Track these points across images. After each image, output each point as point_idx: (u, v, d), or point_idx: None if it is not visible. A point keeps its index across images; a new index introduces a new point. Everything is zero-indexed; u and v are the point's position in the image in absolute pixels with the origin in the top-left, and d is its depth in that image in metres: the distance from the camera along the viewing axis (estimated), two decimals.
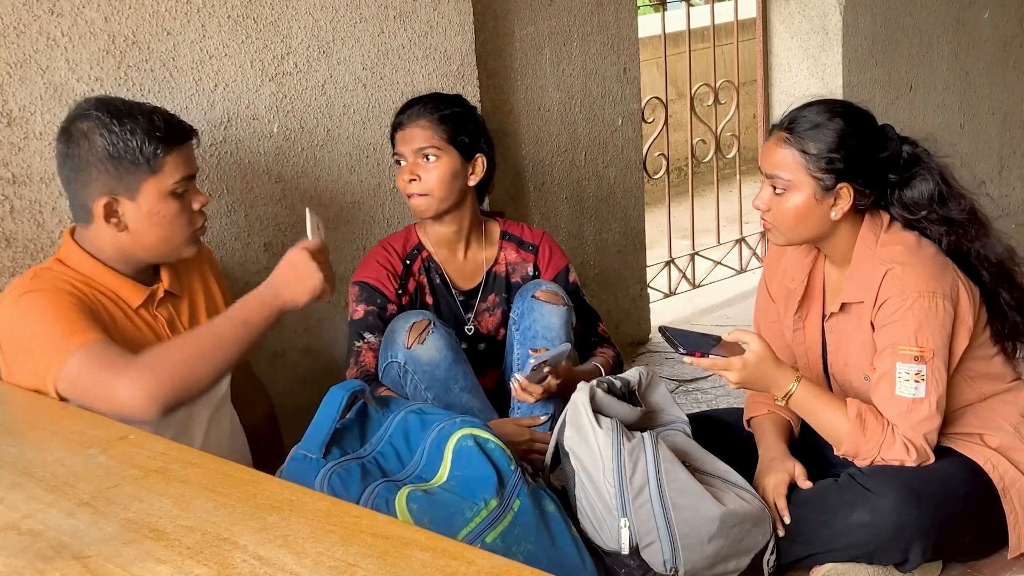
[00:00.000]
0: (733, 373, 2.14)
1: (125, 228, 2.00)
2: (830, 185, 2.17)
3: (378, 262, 2.58)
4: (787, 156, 2.19)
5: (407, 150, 2.53)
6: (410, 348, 2.38)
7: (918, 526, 2.11)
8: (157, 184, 1.98)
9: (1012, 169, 5.10)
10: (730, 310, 4.12)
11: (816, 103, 2.24)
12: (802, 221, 2.21)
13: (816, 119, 2.19)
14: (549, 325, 2.47)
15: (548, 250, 2.70)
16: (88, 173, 1.97)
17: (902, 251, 2.18)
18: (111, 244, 2.02)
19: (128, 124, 1.96)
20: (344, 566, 1.20)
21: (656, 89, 4.15)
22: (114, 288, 2.04)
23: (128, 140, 1.95)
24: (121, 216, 1.99)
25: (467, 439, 2.01)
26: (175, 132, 2.01)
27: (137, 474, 1.48)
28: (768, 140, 2.26)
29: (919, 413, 2.12)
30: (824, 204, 2.19)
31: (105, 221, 1.98)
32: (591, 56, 3.46)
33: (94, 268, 2.02)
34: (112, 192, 1.97)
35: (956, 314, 2.16)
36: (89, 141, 1.95)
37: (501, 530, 1.95)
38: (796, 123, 2.20)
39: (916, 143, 2.26)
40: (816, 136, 2.17)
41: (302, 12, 2.62)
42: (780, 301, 2.44)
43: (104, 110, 1.97)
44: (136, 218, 1.99)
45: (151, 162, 1.97)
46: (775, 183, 2.21)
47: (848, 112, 2.23)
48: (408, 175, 2.52)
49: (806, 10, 4.29)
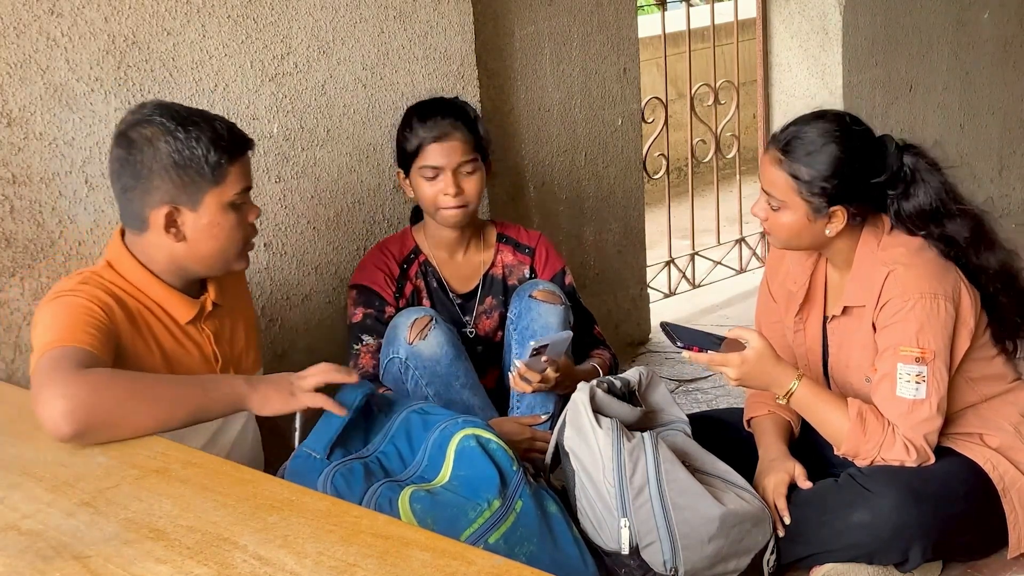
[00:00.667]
0: (732, 369, 2.14)
1: (183, 239, 1.94)
2: (822, 208, 2.17)
3: (375, 265, 2.58)
4: (779, 177, 2.19)
5: (447, 163, 2.50)
6: (412, 344, 2.38)
7: (918, 526, 2.11)
8: (219, 195, 1.93)
9: (1012, 169, 5.10)
10: (730, 310, 4.12)
11: (814, 121, 2.19)
12: (796, 236, 2.23)
13: (810, 146, 2.15)
14: (547, 324, 2.47)
15: (544, 252, 2.70)
16: (150, 181, 1.89)
17: (904, 253, 2.18)
18: (165, 254, 1.96)
19: (193, 131, 1.90)
20: (344, 566, 1.20)
21: (656, 89, 4.15)
22: (162, 301, 1.97)
23: (193, 148, 1.89)
24: (180, 226, 1.93)
25: (469, 439, 2.01)
26: (237, 141, 1.96)
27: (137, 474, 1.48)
28: (765, 153, 2.24)
29: (920, 414, 2.12)
30: (818, 223, 2.19)
31: (164, 231, 1.92)
32: (591, 56, 3.46)
33: (143, 278, 1.96)
34: (174, 201, 1.91)
35: (958, 316, 2.16)
36: (153, 148, 1.88)
37: (504, 531, 1.95)
38: (791, 145, 2.17)
39: (920, 152, 2.22)
40: (809, 163, 2.15)
41: (302, 12, 2.62)
42: (781, 302, 2.44)
43: (167, 116, 1.90)
44: (195, 229, 1.93)
45: (215, 172, 1.91)
46: (769, 199, 2.22)
47: (845, 134, 2.17)
48: (452, 188, 2.49)
49: (806, 10, 4.29)
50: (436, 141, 2.50)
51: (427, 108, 2.57)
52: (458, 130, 2.52)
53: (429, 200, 2.54)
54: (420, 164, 2.52)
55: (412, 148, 2.53)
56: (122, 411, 1.62)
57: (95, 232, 2.34)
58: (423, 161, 2.52)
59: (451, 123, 2.52)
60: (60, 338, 1.73)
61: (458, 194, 2.50)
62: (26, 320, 2.26)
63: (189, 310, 2.00)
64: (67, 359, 1.67)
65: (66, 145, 2.29)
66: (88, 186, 2.32)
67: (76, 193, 2.31)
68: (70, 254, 2.31)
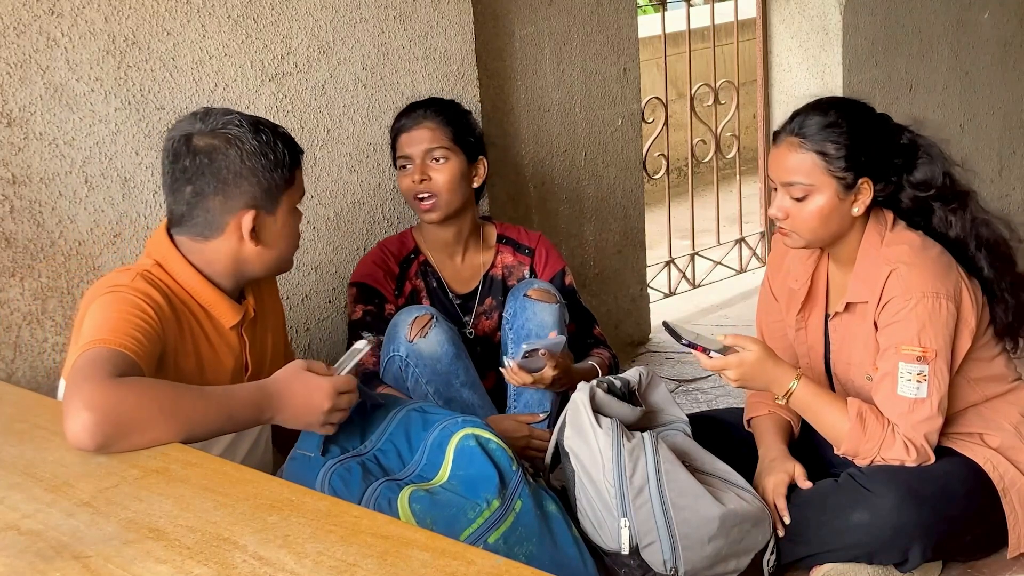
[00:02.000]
0: (731, 371, 2.15)
1: (260, 243, 1.93)
2: (851, 182, 2.17)
3: (375, 263, 2.59)
4: (804, 160, 2.18)
5: (415, 151, 2.53)
6: (412, 342, 2.39)
7: (918, 526, 2.11)
8: (291, 198, 1.95)
9: (1012, 169, 5.09)
10: (730, 310, 4.12)
11: (817, 104, 2.24)
12: (825, 222, 2.20)
13: (825, 120, 2.18)
14: (542, 323, 2.47)
15: (544, 253, 2.70)
16: (237, 186, 1.88)
17: (907, 251, 2.18)
18: (229, 259, 1.94)
19: (268, 134, 1.90)
20: (344, 566, 1.20)
21: (656, 89, 4.16)
22: (210, 305, 1.96)
23: (275, 149, 1.89)
24: (259, 230, 1.93)
25: (469, 439, 2.00)
26: (295, 146, 1.98)
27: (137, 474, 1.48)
28: (777, 147, 2.24)
29: (920, 413, 2.12)
30: (846, 202, 2.19)
31: (248, 236, 1.91)
32: (591, 56, 3.46)
33: (195, 281, 1.94)
34: (257, 206, 1.91)
35: (959, 315, 2.16)
36: (240, 151, 1.87)
37: (503, 531, 1.95)
38: (806, 127, 2.18)
39: (910, 128, 2.29)
40: (831, 136, 2.17)
41: (302, 12, 2.62)
42: (783, 301, 2.44)
43: (243, 121, 1.90)
44: (271, 233, 1.94)
45: (290, 174, 1.93)
46: (792, 190, 2.20)
47: (852, 108, 2.24)
48: (418, 175, 2.52)
49: (806, 10, 4.29)
50: (403, 131, 2.56)
51: (410, 105, 2.63)
52: (428, 119, 2.55)
53: (406, 192, 2.58)
54: (397, 156, 2.59)
55: (391, 142, 2.60)
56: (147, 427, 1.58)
57: (95, 232, 2.34)
58: (397, 152, 2.58)
59: (423, 113, 2.56)
60: (104, 337, 1.70)
61: (423, 180, 2.51)
62: (26, 320, 2.26)
63: (235, 315, 2.00)
64: (104, 364, 1.64)
65: (66, 145, 2.29)
66: (88, 186, 2.32)
67: (76, 193, 2.31)
68: (70, 254, 2.31)
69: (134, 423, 1.56)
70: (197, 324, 1.96)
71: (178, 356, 1.89)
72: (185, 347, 1.92)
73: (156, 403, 1.60)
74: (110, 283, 1.86)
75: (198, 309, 1.96)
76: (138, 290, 1.84)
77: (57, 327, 2.30)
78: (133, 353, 1.70)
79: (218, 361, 1.98)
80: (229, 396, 1.73)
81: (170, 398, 1.63)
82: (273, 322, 2.18)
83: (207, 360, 1.96)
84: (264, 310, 2.13)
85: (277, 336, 2.19)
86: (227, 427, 1.72)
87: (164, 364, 1.84)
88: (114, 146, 2.36)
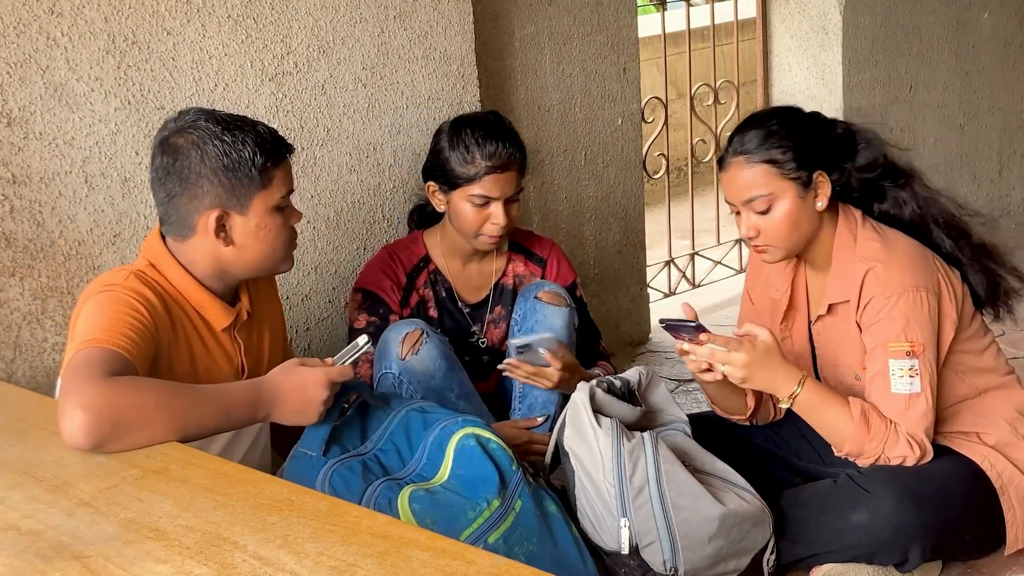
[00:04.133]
0: (739, 362, 2.11)
1: (231, 243, 1.95)
2: (807, 180, 2.19)
3: (383, 270, 2.56)
4: (756, 174, 2.20)
5: (502, 194, 2.47)
6: (404, 360, 2.36)
7: (917, 526, 2.11)
8: (266, 198, 1.94)
9: (1012, 169, 5.10)
10: (730, 310, 4.12)
11: (750, 121, 2.28)
12: (796, 226, 2.21)
13: (763, 131, 2.21)
14: (551, 326, 2.46)
15: (556, 264, 2.69)
16: (199, 186, 1.90)
17: (880, 248, 2.19)
18: (210, 259, 1.96)
19: (238, 135, 1.91)
20: (344, 566, 1.20)
21: (656, 89, 4.15)
22: (201, 307, 1.97)
23: (241, 151, 1.90)
24: (229, 230, 1.94)
25: (469, 438, 2.00)
26: (280, 145, 1.98)
27: (137, 474, 1.48)
28: (726, 171, 2.25)
29: (918, 408, 2.12)
30: (808, 199, 2.21)
31: (215, 235, 1.92)
32: (591, 56, 3.46)
33: (185, 282, 1.96)
34: (223, 205, 1.92)
35: (940, 307, 2.17)
36: (201, 152, 1.89)
37: (503, 531, 1.95)
38: (747, 143, 2.21)
39: (842, 121, 2.32)
40: (774, 143, 2.19)
41: (302, 12, 2.62)
42: (765, 312, 2.44)
43: (212, 121, 1.91)
44: (243, 233, 1.94)
45: (262, 175, 1.92)
46: (754, 205, 2.21)
47: (784, 113, 2.28)
48: (503, 220, 2.47)
49: (806, 10, 4.29)
50: (495, 172, 2.45)
51: (484, 131, 2.49)
52: (515, 161, 2.48)
53: (473, 225, 2.49)
54: (473, 191, 2.47)
55: (468, 174, 2.46)
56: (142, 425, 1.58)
57: (95, 232, 2.34)
58: (477, 189, 2.46)
59: (510, 154, 2.47)
60: (98, 337, 1.71)
61: (506, 225, 2.49)
62: (26, 320, 2.26)
63: (226, 317, 2.00)
64: (99, 363, 1.65)
65: (66, 145, 2.29)
66: (88, 186, 2.33)
67: (76, 193, 2.31)
68: (70, 254, 2.31)
69: (129, 422, 1.56)
70: (191, 325, 1.96)
71: (172, 356, 1.90)
72: (179, 347, 1.92)
73: (151, 402, 1.61)
74: (104, 283, 1.88)
75: (191, 310, 1.97)
76: (131, 289, 1.85)
77: (57, 327, 2.30)
78: (127, 352, 1.71)
79: (212, 362, 1.99)
80: (224, 394, 1.74)
81: (165, 396, 1.63)
82: (271, 324, 2.17)
83: (201, 361, 1.96)
84: (260, 312, 2.12)
85: (275, 338, 2.19)
86: (223, 425, 1.72)
87: (158, 364, 1.84)
88: (114, 146, 2.36)
